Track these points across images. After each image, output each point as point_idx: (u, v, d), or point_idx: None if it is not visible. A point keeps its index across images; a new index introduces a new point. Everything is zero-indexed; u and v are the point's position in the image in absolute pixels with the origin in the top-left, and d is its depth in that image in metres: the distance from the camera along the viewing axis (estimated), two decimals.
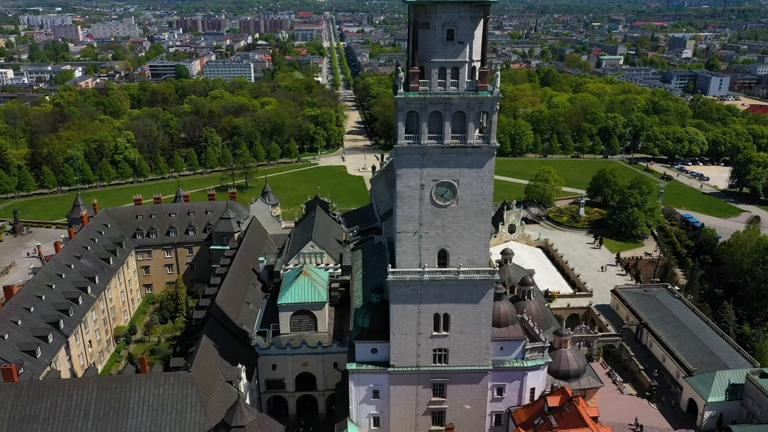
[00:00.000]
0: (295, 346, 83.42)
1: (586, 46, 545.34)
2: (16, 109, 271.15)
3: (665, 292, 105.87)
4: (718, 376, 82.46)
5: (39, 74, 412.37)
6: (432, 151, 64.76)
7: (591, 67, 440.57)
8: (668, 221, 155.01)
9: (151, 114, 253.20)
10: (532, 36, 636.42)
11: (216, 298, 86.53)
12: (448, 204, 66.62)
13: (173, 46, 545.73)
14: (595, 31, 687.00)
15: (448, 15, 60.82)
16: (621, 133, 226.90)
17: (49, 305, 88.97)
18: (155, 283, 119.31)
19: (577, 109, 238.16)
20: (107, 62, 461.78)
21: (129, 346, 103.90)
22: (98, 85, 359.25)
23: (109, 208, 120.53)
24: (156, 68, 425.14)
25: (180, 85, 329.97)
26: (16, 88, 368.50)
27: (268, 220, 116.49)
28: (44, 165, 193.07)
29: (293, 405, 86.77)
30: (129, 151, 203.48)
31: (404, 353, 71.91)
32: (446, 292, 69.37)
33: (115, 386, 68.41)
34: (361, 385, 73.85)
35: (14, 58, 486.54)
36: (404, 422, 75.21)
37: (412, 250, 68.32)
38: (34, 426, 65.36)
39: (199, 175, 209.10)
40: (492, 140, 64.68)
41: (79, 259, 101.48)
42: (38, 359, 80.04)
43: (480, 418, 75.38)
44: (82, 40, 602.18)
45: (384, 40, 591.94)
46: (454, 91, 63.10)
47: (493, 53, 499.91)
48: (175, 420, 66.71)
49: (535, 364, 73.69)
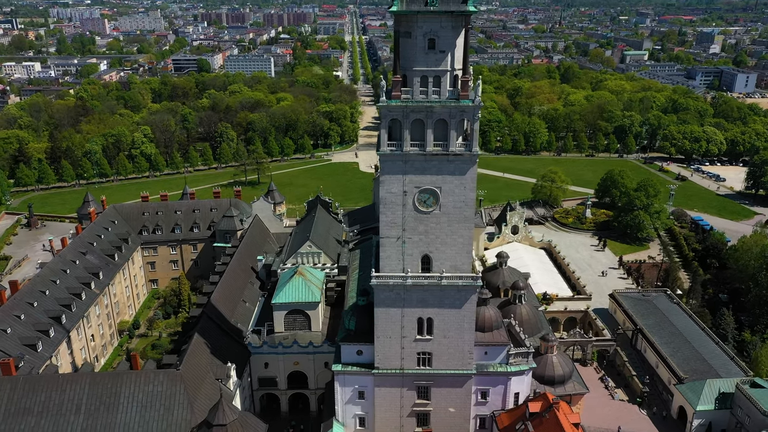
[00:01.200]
0: (286, 346, 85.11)
1: (611, 40, 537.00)
2: (40, 102, 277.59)
3: (664, 297, 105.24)
4: (708, 385, 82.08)
5: (65, 67, 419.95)
6: (414, 158, 65.49)
7: (614, 63, 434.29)
8: (678, 223, 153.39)
9: (170, 108, 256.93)
10: (556, 30, 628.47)
11: (211, 297, 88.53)
12: (430, 210, 67.33)
13: (197, 39, 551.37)
14: (622, 26, 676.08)
15: (430, 24, 61.42)
16: (637, 132, 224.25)
17: (52, 300, 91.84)
18: (161, 279, 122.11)
19: (593, 107, 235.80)
20: (132, 56, 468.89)
21: (132, 341, 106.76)
22: (121, 79, 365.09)
23: (116, 205, 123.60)
24: (179, 62, 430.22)
25: (200, 79, 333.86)
26: (42, 81, 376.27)
27: (270, 219, 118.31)
28: (63, 159, 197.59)
29: (285, 402, 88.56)
30: (146, 145, 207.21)
31: (388, 356, 73.02)
32: (429, 297, 70.20)
33: (107, 382, 70.75)
34: (347, 385, 75.16)
35: (42, 51, 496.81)
36: (389, 423, 76.40)
37: (395, 255, 69.25)
38: (28, 419, 68.02)
39: (214, 170, 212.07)
40: (474, 148, 65.07)
41: (84, 254, 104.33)
42: (39, 353, 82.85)
43: (464, 421, 76.22)
44: (108, 33, 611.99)
45: None
46: (435, 99, 63.71)
47: (515, 48, 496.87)
48: (162, 416, 68.81)
49: (519, 369, 74.17)
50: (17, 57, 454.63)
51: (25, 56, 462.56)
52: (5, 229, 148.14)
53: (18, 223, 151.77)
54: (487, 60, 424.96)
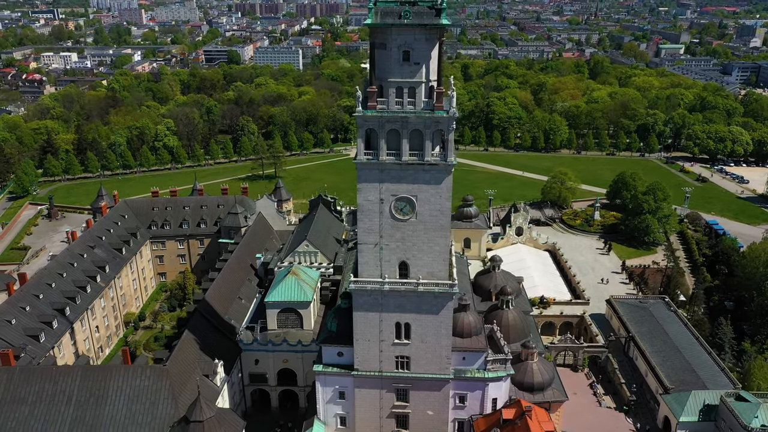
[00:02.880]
0: (276, 344, 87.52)
1: (647, 33, 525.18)
2: (73, 93, 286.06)
3: (661, 304, 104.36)
4: (693, 396, 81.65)
5: (101, 58, 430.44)
6: (390, 167, 66.57)
7: (648, 57, 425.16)
8: (692, 227, 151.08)
9: (196, 101, 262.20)
10: (591, 22, 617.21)
11: (206, 294, 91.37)
12: (407, 218, 68.40)
13: (230, 30, 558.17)
14: (660, 17, 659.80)
15: (404, 37, 62.23)
16: (661, 131, 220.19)
17: (58, 293, 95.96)
18: (168, 272, 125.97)
19: (616, 104, 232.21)
20: (165, 46, 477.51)
21: (137, 332, 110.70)
22: (153, 70, 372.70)
23: (127, 199, 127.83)
24: (210, 53, 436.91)
25: (228, 71, 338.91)
26: (77, 71, 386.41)
27: (273, 216, 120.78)
28: (89, 150, 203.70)
29: (275, 398, 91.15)
30: (168, 138, 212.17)
31: (367, 358, 74.58)
32: (407, 303, 71.40)
33: (97, 375, 74.08)
34: (328, 386, 77.01)
35: (80, 42, 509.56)
36: (369, 423, 78.10)
37: (373, 261, 70.62)
38: (22, 407, 71.77)
39: (234, 164, 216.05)
40: (449, 158, 65.81)
41: (92, 248, 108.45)
42: (41, 344, 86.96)
43: (442, 424, 77.44)
44: (145, 23, 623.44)
45: None
46: (411, 110, 64.58)
47: (547, 41, 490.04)
48: (147, 410, 71.87)
49: (497, 375, 74.98)
50: (56, 47, 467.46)
51: (63, 46, 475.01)
52: (27, 220, 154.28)
53: (40, 213, 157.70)
54: (516, 53, 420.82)
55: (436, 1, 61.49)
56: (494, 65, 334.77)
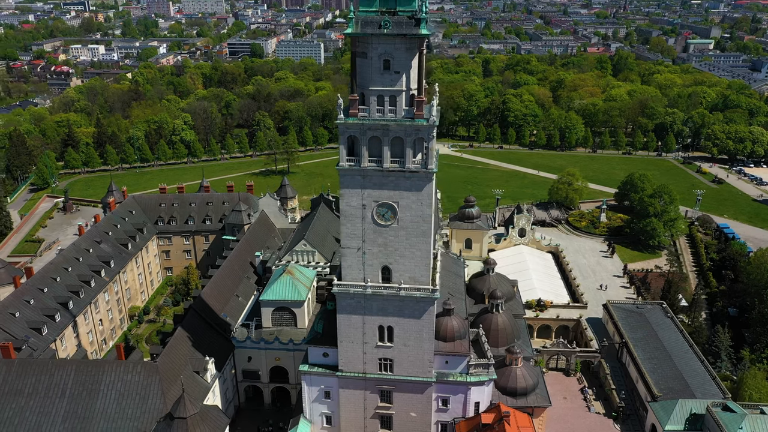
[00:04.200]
0: (268, 342, 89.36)
1: (676, 27, 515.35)
2: (97, 86, 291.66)
3: (658, 310, 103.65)
4: (680, 405, 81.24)
5: (127, 50, 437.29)
6: (372, 173, 67.54)
7: (675, 53, 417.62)
8: (702, 230, 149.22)
9: (216, 94, 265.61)
10: (620, 16, 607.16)
11: (202, 292, 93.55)
12: (389, 224, 69.36)
13: (255, 23, 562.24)
14: (692, 11, 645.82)
15: (384, 46, 63.04)
16: (679, 130, 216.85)
17: (62, 287, 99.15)
18: (174, 267, 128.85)
19: (634, 103, 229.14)
20: (191, 39, 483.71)
21: (140, 326, 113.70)
22: (177, 63, 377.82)
23: (136, 195, 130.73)
24: (234, 46, 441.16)
25: (250, 65, 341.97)
26: (104, 64, 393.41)
27: (276, 215, 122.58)
28: (108, 144, 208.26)
29: (268, 395, 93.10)
30: (185, 132, 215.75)
31: (351, 360, 75.95)
32: (389, 306, 72.52)
33: (91, 369, 76.56)
34: (313, 385, 78.64)
35: (109, 34, 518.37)
36: (354, 423, 79.59)
37: (356, 265, 71.82)
38: (19, 399, 74.66)
39: (249, 158, 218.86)
40: (430, 166, 66.53)
41: (99, 243, 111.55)
42: (43, 336, 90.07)
43: (426, 426, 78.56)
44: (172, 15, 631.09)
45: (462, 19, 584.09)
46: (391, 118, 65.41)
47: (572, 35, 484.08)
48: (137, 405, 74.18)
49: (479, 379, 75.74)
50: (84, 39, 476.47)
51: (91, 38, 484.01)
52: (44, 212, 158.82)
53: (56, 206, 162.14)
54: (540, 48, 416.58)
55: (416, 12, 62.11)
56: (515, 60, 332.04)
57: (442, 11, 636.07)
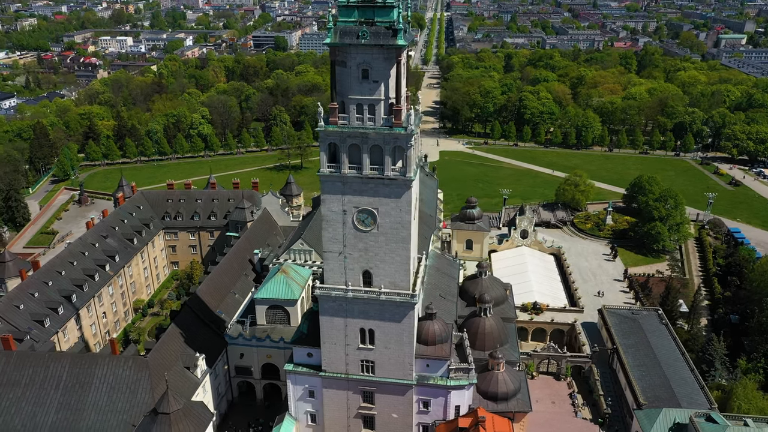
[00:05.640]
0: (260, 339, 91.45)
1: (708, 22, 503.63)
2: (122, 78, 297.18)
3: (654, 316, 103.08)
4: (664, 413, 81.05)
5: (155, 42, 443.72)
6: (352, 180, 68.74)
7: (705, 48, 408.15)
8: (712, 234, 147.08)
9: (236, 88, 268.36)
10: (651, 9, 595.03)
11: (198, 289, 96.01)
12: (369, 230, 70.51)
13: (281, 15, 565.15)
14: (727, 4, 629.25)
15: (363, 56, 64.04)
16: (698, 130, 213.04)
17: (67, 280, 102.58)
18: (181, 261, 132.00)
19: (654, 101, 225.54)
20: (217, 31, 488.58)
21: (144, 319, 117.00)
22: (201, 56, 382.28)
23: (144, 191, 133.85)
24: (258, 38, 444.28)
25: (272, 58, 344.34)
26: (131, 56, 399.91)
27: (278, 212, 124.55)
28: (127, 137, 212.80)
29: (260, 390, 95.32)
30: (203, 126, 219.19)
31: (334, 361, 77.53)
32: (370, 310, 73.77)
33: (84, 363, 79.55)
34: (298, 384, 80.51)
35: (138, 25, 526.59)
36: (337, 422, 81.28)
37: (338, 269, 73.20)
38: (16, 390, 77.98)
39: (264, 152, 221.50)
40: (408, 173, 67.40)
41: (105, 238, 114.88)
42: (46, 328, 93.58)
43: (407, 427, 79.87)
44: (200, 7, 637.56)
45: (489, 12, 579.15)
46: (370, 126, 66.46)
47: (600, 29, 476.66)
48: (127, 398, 76.98)
49: (459, 383, 76.71)
50: (113, 31, 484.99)
51: (120, 30, 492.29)
52: (60, 204, 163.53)
53: (72, 199, 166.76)
54: (565, 42, 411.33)
55: (393, 23, 62.91)
56: (538, 55, 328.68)
57: (469, 3, 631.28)
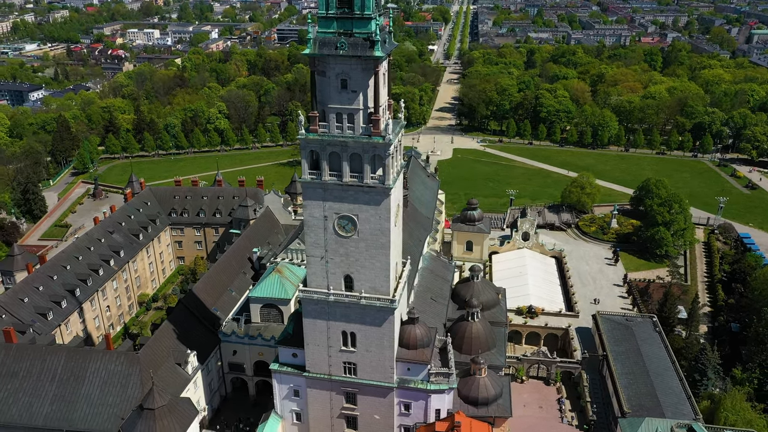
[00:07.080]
0: (252, 337, 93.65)
1: (741, 16, 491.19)
2: (146, 71, 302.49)
3: (648, 323, 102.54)
4: (646, 423, 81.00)
5: (181, 35, 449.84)
6: (333, 187, 70.06)
7: (735, 44, 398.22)
8: (722, 239, 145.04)
9: (256, 82, 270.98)
10: (683, 3, 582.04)
11: (194, 286, 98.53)
12: (350, 235, 71.85)
13: (307, 7, 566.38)
14: None
15: (341, 66, 65.22)
16: (718, 131, 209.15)
17: (71, 274, 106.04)
18: (186, 257, 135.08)
19: (673, 101, 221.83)
20: (243, 24, 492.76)
21: (148, 313, 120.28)
22: (225, 49, 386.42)
23: (152, 187, 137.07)
24: (283, 32, 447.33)
25: (294, 52, 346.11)
26: (157, 48, 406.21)
27: (280, 211, 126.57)
28: (146, 131, 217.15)
29: (252, 387, 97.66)
30: (219, 121, 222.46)
31: (317, 362, 79.24)
32: (352, 313, 75.22)
33: (79, 357, 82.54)
34: (283, 383, 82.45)
35: (165, 17, 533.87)
36: (321, 421, 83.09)
37: (320, 273, 74.80)
38: (14, 381, 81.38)
39: (279, 148, 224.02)
40: (387, 182, 68.44)
41: (111, 233, 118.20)
42: (48, 321, 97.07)
43: (389, 429, 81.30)
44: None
45: (516, 5, 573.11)
46: (350, 134, 67.66)
47: (627, 24, 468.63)
48: (118, 392, 79.77)
49: (439, 387, 77.82)
50: (141, 23, 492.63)
51: (148, 22, 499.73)
52: (76, 198, 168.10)
53: (87, 192, 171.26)
54: (591, 38, 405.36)
55: (371, 34, 63.88)
56: (561, 51, 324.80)
57: None
